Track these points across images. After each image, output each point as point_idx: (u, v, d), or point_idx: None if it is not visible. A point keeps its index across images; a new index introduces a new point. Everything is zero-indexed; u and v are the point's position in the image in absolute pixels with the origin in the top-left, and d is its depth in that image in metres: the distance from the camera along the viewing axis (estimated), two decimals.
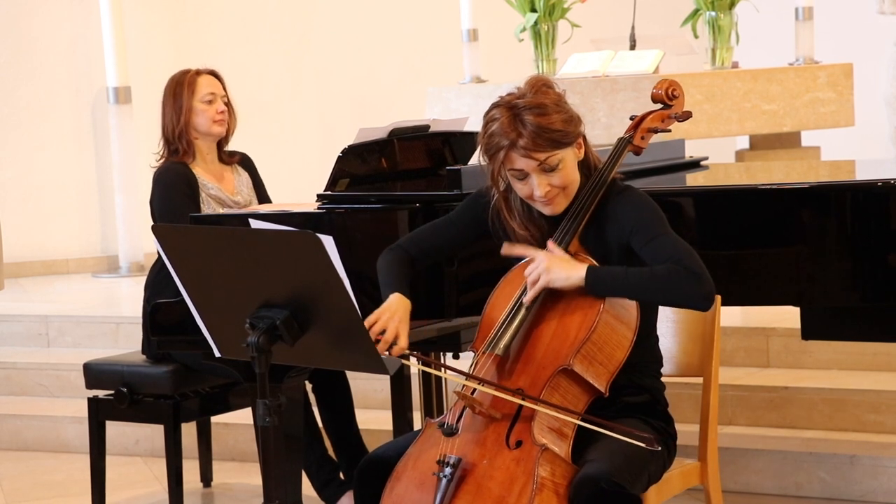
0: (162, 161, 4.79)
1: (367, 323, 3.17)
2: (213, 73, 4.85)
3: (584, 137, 3.30)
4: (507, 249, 3.29)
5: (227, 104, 4.84)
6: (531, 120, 3.17)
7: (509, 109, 3.20)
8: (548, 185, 3.22)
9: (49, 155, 8.47)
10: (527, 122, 3.17)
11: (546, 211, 3.28)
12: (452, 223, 3.51)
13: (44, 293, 7.72)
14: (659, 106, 3.50)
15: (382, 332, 3.21)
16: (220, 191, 4.78)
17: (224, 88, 4.84)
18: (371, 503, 3.22)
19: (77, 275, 8.42)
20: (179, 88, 4.77)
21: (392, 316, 3.25)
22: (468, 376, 3.19)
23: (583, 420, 3.14)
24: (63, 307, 7.09)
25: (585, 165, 3.32)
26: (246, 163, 4.96)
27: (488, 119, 3.23)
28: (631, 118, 3.47)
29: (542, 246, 3.26)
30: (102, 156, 8.50)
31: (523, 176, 3.22)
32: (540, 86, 3.24)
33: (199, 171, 4.77)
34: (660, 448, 3.13)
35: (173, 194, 4.67)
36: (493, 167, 3.25)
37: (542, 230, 3.32)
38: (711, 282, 3.13)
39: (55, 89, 8.48)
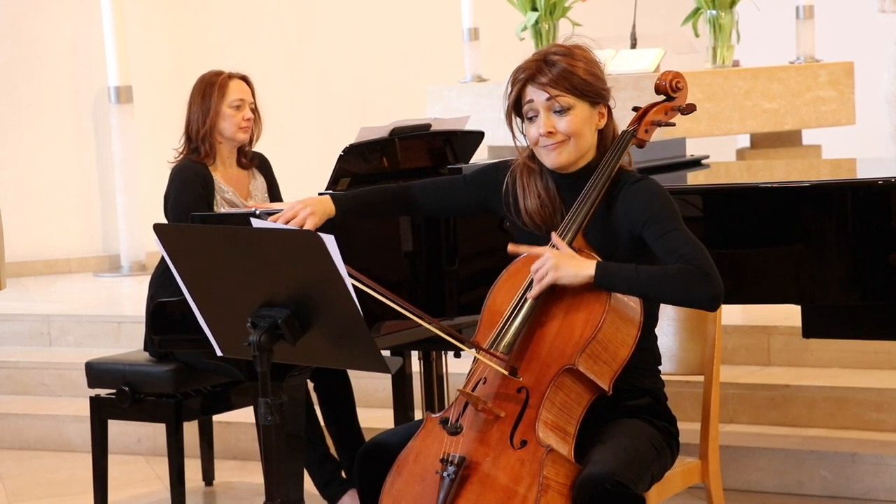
0: (181, 157, 4.77)
1: (284, 210, 3.39)
2: (244, 79, 4.81)
3: (610, 111, 3.32)
4: (513, 249, 3.28)
5: (255, 111, 4.80)
6: (556, 60, 3.24)
7: (540, 54, 3.29)
8: (552, 126, 3.24)
9: (50, 154, 8.47)
10: (551, 62, 3.24)
11: (548, 161, 3.28)
12: (465, 184, 3.53)
13: (45, 293, 7.73)
14: (662, 98, 3.48)
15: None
16: (234, 195, 4.76)
17: (253, 95, 4.80)
18: (372, 488, 3.22)
19: (79, 274, 8.42)
20: (209, 90, 4.73)
21: (305, 207, 3.40)
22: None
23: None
24: (65, 306, 7.09)
25: (603, 143, 3.32)
26: (263, 165, 4.93)
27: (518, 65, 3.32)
28: (634, 109, 3.45)
29: (554, 220, 3.27)
30: (103, 155, 8.50)
31: (534, 114, 3.25)
32: (576, 44, 3.32)
33: (217, 174, 4.75)
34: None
35: (187, 193, 4.65)
36: (508, 102, 3.29)
37: (556, 205, 3.31)
38: (721, 282, 3.11)
39: (56, 89, 8.48)
